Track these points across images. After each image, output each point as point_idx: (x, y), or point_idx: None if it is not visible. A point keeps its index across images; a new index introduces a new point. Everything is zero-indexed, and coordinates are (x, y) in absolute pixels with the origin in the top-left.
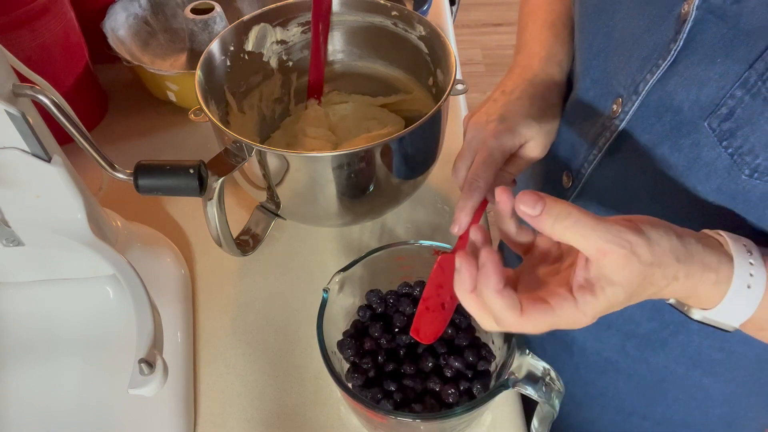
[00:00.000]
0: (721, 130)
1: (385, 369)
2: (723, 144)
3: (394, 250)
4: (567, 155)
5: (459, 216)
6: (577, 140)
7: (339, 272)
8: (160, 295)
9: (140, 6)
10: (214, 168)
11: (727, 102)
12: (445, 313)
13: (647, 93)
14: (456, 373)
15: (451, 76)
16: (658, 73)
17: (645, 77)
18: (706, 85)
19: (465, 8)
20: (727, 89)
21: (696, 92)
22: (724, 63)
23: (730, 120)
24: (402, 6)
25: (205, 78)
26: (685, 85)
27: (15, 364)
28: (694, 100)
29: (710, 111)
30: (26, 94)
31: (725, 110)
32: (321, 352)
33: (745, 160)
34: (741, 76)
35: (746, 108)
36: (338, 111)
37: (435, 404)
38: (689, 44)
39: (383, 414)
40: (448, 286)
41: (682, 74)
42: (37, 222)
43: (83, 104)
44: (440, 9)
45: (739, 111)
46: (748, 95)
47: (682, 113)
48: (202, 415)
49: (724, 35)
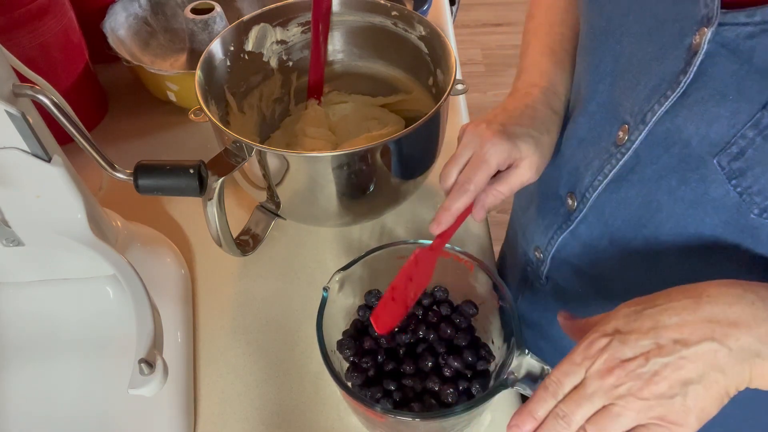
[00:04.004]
0: (731, 169)
1: (385, 368)
2: (732, 183)
3: (394, 250)
4: (572, 178)
5: (441, 216)
6: (582, 164)
7: (339, 271)
8: (160, 295)
9: (140, 6)
10: (214, 168)
11: (738, 141)
12: (405, 309)
13: (655, 123)
14: (455, 373)
15: (451, 76)
16: (666, 104)
17: (653, 107)
18: (716, 121)
19: (465, 8)
20: (738, 128)
21: (705, 128)
22: (736, 101)
23: (741, 160)
24: (402, 6)
25: (205, 78)
26: (694, 120)
27: (15, 364)
28: (704, 135)
29: (720, 148)
30: (26, 94)
31: (735, 149)
32: (321, 351)
33: (754, 200)
34: (753, 116)
35: (758, 149)
36: (338, 111)
37: (434, 404)
38: (699, 77)
39: (382, 413)
40: (418, 281)
41: (692, 108)
42: (37, 222)
43: (83, 104)
44: (440, 9)
45: (750, 151)
46: (760, 136)
47: (691, 147)
48: (202, 415)
49: (736, 71)
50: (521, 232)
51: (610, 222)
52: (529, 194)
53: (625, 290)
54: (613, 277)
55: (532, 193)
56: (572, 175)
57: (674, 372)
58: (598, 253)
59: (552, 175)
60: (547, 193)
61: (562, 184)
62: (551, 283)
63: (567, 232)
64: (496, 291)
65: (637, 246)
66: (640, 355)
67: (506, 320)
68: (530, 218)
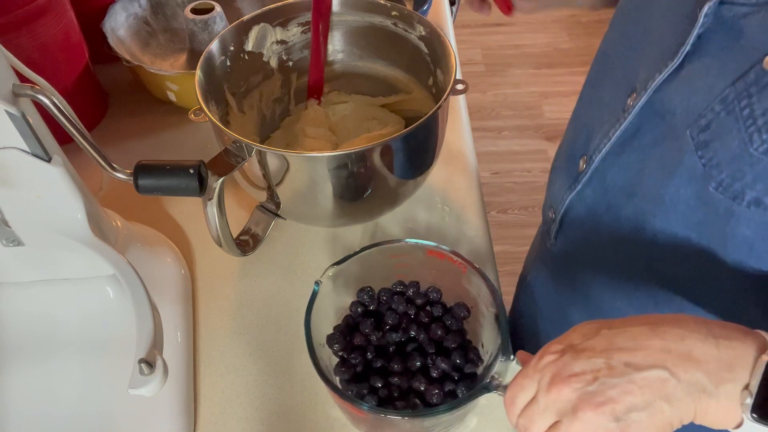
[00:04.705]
0: (699, 140)
1: (373, 366)
2: (698, 153)
3: (388, 248)
4: (587, 140)
5: None
6: (595, 127)
7: (332, 265)
8: (160, 295)
9: (140, 6)
10: (214, 168)
11: (708, 114)
12: None
13: (653, 92)
14: (442, 374)
15: (451, 76)
16: (665, 73)
17: (654, 75)
18: (696, 94)
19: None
20: (710, 102)
21: (687, 100)
22: (715, 76)
23: (707, 132)
24: (402, 6)
25: (205, 78)
26: (681, 92)
27: (15, 364)
28: (685, 107)
29: (694, 120)
30: (26, 94)
31: (704, 122)
32: (307, 343)
33: (712, 174)
34: (723, 91)
35: (721, 123)
36: (338, 111)
37: (418, 403)
38: (695, 51)
39: (360, 409)
40: None
41: (683, 79)
42: (37, 222)
43: (83, 104)
44: (440, 9)
45: (714, 124)
46: (724, 111)
47: (676, 117)
48: (202, 415)
49: (725, 48)
50: (547, 190)
51: (610, 188)
52: (560, 153)
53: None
54: (607, 248)
55: (561, 152)
56: (588, 137)
57: (621, 396)
58: (597, 218)
59: (577, 136)
60: (569, 153)
61: (580, 145)
62: (560, 245)
63: (574, 192)
64: (488, 295)
65: (627, 215)
66: (589, 372)
67: (497, 325)
68: (554, 177)
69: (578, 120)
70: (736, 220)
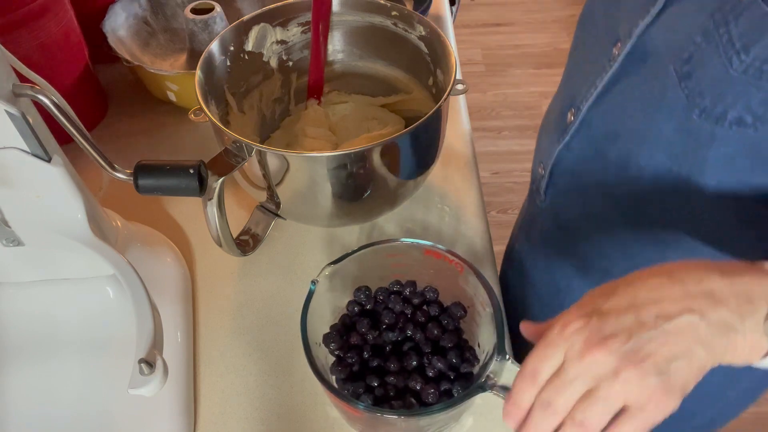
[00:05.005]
0: (682, 72)
1: (369, 365)
2: (681, 84)
3: (385, 247)
4: (574, 94)
5: None
6: (582, 79)
7: (329, 264)
8: (160, 295)
9: (140, 6)
10: (214, 168)
11: (690, 47)
12: None
13: (637, 37)
14: (438, 374)
15: (451, 76)
16: (647, 18)
17: (637, 23)
18: (678, 32)
19: (465, 8)
20: (691, 35)
21: (671, 38)
22: (696, 12)
23: (690, 63)
24: (402, 6)
25: (205, 78)
26: (663, 31)
27: (15, 364)
28: (669, 44)
29: (676, 54)
30: (26, 94)
31: (686, 54)
32: (303, 342)
33: (696, 102)
34: (703, 24)
35: (703, 53)
36: (338, 111)
37: (414, 403)
38: None
39: (355, 407)
40: None
41: (665, 21)
42: (37, 222)
43: (83, 104)
44: (440, 9)
45: (696, 55)
46: (705, 41)
47: (659, 56)
48: (202, 415)
49: None
50: (535, 150)
51: (595, 134)
52: (548, 113)
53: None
54: (596, 195)
55: (550, 111)
56: (575, 91)
57: (659, 348)
58: (585, 165)
59: (565, 93)
60: (557, 109)
61: (568, 100)
62: (549, 200)
63: (562, 144)
64: (485, 294)
65: (612, 158)
66: (622, 331)
67: (493, 324)
68: (542, 133)
69: (565, 82)
70: (718, 142)
